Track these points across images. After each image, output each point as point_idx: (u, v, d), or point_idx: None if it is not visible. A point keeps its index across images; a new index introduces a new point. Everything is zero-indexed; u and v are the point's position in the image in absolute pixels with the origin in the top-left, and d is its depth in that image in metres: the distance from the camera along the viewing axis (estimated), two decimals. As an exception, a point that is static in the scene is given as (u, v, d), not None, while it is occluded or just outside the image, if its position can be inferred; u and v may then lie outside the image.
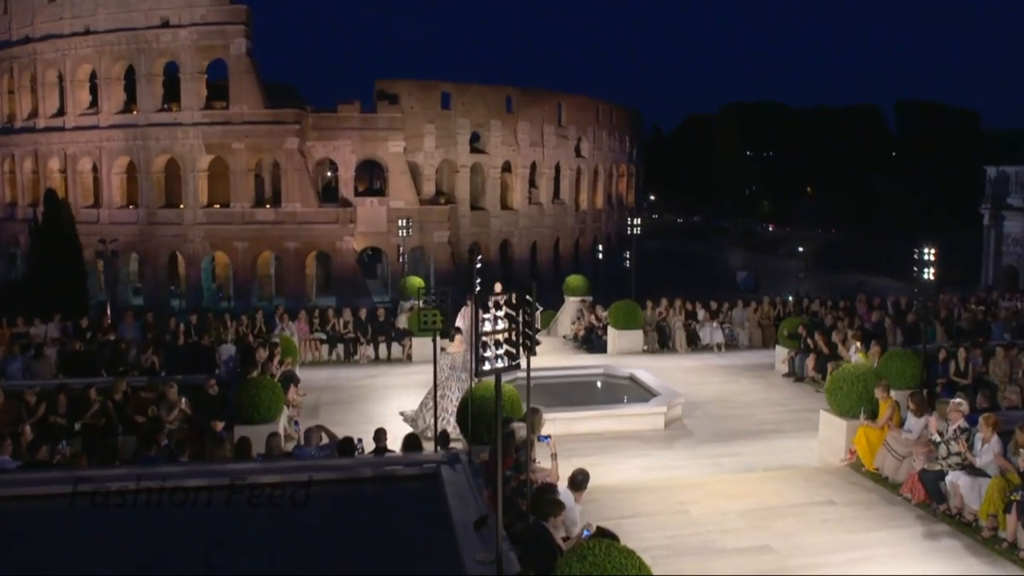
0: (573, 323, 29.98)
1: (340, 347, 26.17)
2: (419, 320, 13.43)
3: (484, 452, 12.38)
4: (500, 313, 7.27)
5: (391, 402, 20.93)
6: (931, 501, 13.13)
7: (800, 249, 77.62)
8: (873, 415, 15.17)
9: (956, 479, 12.66)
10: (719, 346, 27.38)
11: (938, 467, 13.10)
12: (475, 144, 60.31)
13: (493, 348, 7.26)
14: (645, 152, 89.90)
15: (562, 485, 10.69)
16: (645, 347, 27.11)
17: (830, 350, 22.48)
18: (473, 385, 14.12)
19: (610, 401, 21.07)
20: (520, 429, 11.49)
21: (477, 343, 7.27)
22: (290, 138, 52.39)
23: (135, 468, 11.40)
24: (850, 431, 15.34)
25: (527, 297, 7.55)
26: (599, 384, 22.89)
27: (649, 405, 19.03)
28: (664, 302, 28.58)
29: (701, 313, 28.18)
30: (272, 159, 54.72)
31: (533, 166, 64.03)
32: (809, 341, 23.21)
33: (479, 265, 18.02)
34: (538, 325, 9.86)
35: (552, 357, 25.36)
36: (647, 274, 33.51)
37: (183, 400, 16.19)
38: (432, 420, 15.51)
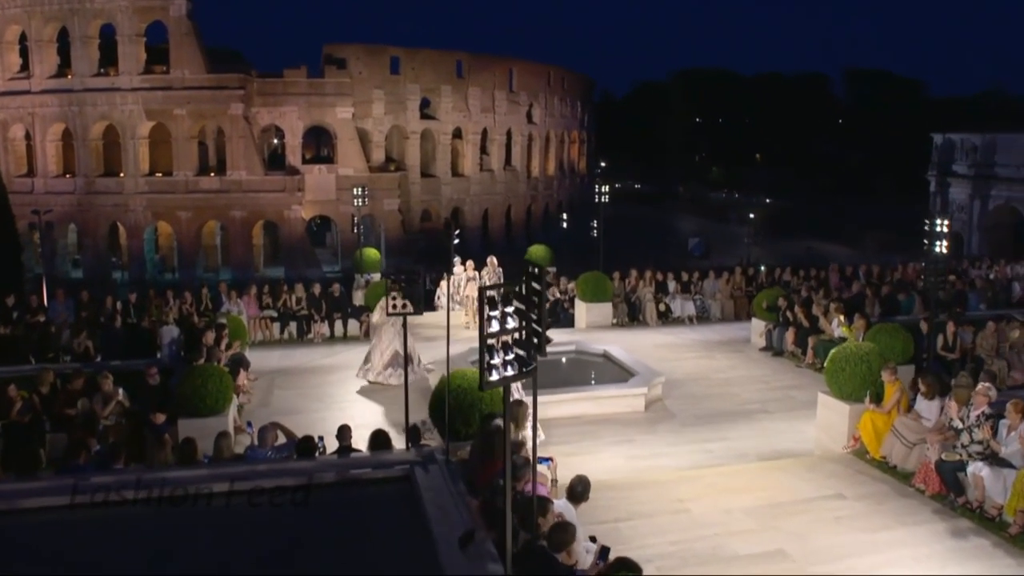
0: (536, 296, 28.59)
1: (292, 325, 24.56)
2: (386, 300, 11.98)
3: (463, 450, 11.03)
4: (509, 310, 5.85)
5: (350, 385, 19.50)
6: (948, 493, 12.04)
7: (751, 216, 77.10)
8: (878, 398, 14.02)
9: (978, 470, 11.55)
10: (691, 319, 26.29)
11: (956, 456, 12.01)
12: (425, 110, 59.26)
13: (501, 353, 5.83)
14: (596, 118, 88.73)
15: (561, 499, 9.40)
16: (614, 320, 25.91)
17: (811, 323, 21.45)
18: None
19: (583, 381, 19.86)
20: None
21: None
22: (234, 104, 50.60)
23: (61, 479, 9.86)
24: (853, 416, 14.21)
25: (536, 287, 6.08)
26: (567, 361, 21.57)
27: (629, 386, 17.78)
28: (634, 273, 27.34)
29: (672, 285, 27.00)
30: (216, 126, 52.92)
31: (484, 132, 63.01)
32: (789, 314, 22.14)
33: (456, 241, 16.59)
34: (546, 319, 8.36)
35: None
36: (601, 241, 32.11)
37: (120, 391, 14.57)
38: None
